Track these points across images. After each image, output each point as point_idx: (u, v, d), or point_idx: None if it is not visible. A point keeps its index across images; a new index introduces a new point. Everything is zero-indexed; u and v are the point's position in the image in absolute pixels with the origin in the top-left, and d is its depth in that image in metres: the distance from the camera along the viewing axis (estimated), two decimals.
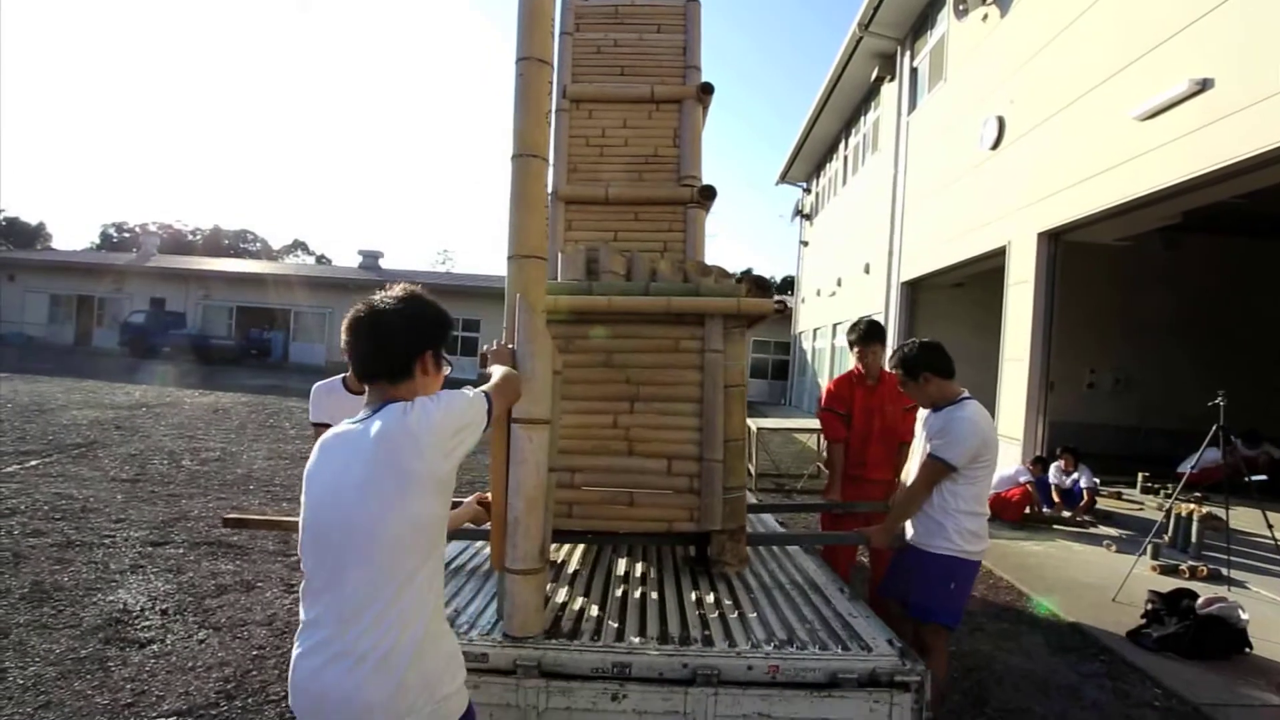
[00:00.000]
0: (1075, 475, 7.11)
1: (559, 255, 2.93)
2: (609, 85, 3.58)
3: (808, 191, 20.81)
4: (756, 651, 1.84)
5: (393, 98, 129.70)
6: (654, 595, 2.29)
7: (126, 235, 54.97)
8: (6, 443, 7.61)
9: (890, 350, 2.88)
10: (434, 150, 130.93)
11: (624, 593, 2.32)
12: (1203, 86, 5.29)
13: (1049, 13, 7.60)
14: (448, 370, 1.55)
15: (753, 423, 8.89)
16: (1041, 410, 7.56)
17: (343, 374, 2.87)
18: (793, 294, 23.25)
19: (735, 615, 2.12)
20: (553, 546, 2.58)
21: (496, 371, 1.74)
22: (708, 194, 3.35)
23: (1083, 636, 3.94)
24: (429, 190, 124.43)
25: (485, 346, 1.99)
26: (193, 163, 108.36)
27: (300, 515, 1.38)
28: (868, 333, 3.63)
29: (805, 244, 21.01)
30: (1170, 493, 5.39)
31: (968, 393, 2.68)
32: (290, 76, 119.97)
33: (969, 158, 9.21)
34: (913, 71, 11.56)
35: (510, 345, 1.93)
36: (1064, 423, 9.10)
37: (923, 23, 11.18)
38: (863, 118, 14.72)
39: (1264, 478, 6.18)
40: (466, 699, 1.41)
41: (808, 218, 20.76)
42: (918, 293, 11.53)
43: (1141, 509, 7.64)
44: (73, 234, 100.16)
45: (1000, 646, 3.79)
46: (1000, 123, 8.43)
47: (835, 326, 15.72)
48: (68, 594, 3.72)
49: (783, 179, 21.00)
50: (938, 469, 2.56)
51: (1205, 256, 11.18)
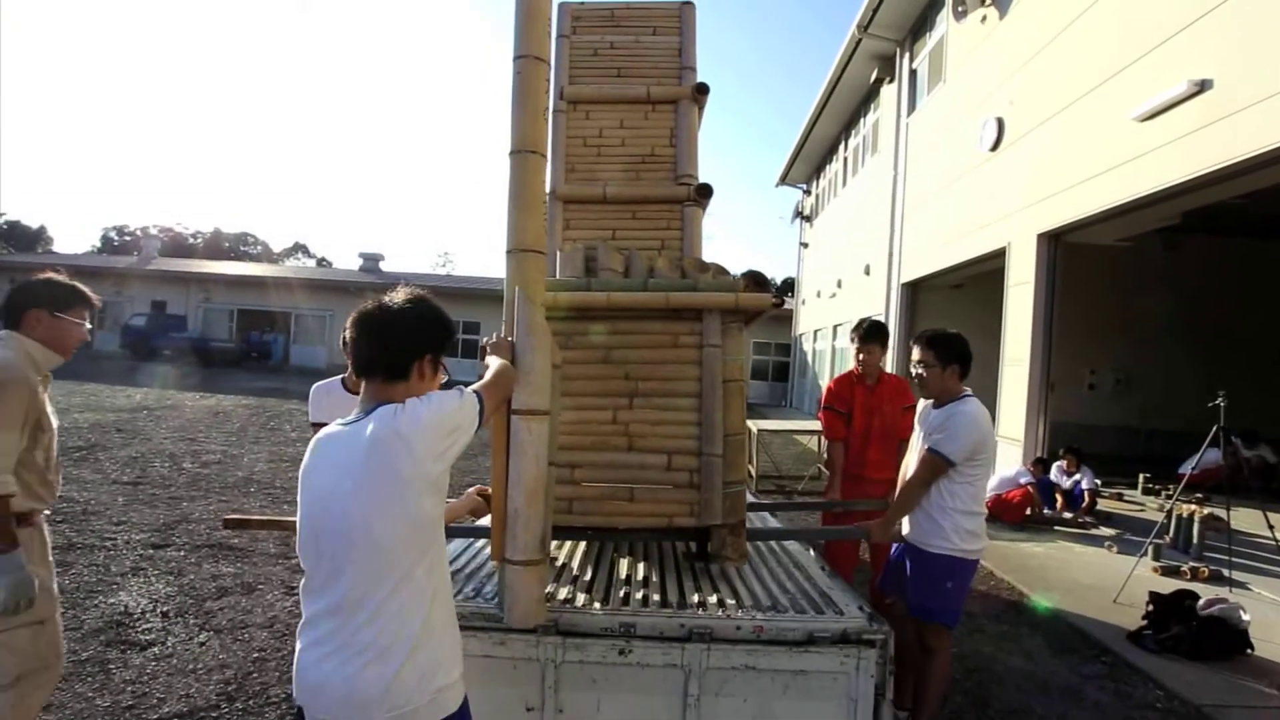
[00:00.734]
0: (1077, 476, 7.11)
1: (557, 253, 2.94)
2: (606, 87, 3.61)
3: (808, 193, 20.83)
4: (744, 614, 2.05)
5: (393, 100, 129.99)
6: (655, 577, 2.41)
7: (128, 238, 55.06)
8: None
9: (908, 344, 2.89)
10: (434, 152, 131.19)
11: (628, 571, 2.48)
12: (1201, 87, 5.30)
13: (1048, 14, 7.61)
14: (444, 379, 1.57)
15: (753, 424, 8.89)
16: (1042, 411, 7.56)
17: (342, 374, 2.88)
18: (793, 295, 23.27)
19: (727, 586, 2.31)
20: (553, 545, 2.59)
21: (492, 364, 1.76)
22: (704, 192, 3.37)
23: (1084, 638, 3.94)
24: (429, 192, 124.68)
25: (485, 340, 2.00)
26: (193, 165, 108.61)
27: (298, 515, 1.41)
28: (867, 334, 3.64)
29: (805, 245, 21.03)
30: (1171, 494, 5.39)
31: (969, 390, 2.69)
32: (290, 79, 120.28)
33: (968, 159, 9.22)
34: (912, 73, 11.58)
35: (510, 338, 1.94)
36: (1065, 424, 9.10)
37: (922, 24, 11.20)
38: (862, 119, 14.73)
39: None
40: (463, 691, 1.44)
41: (808, 219, 20.78)
42: (918, 294, 11.54)
43: (1143, 510, 7.64)
44: (74, 237, 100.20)
45: (1001, 647, 3.78)
46: (1000, 124, 8.43)
47: (836, 328, 15.73)
48: (69, 597, 3.72)
49: (783, 181, 21.03)
50: (936, 463, 2.57)
51: (1205, 257, 11.20)
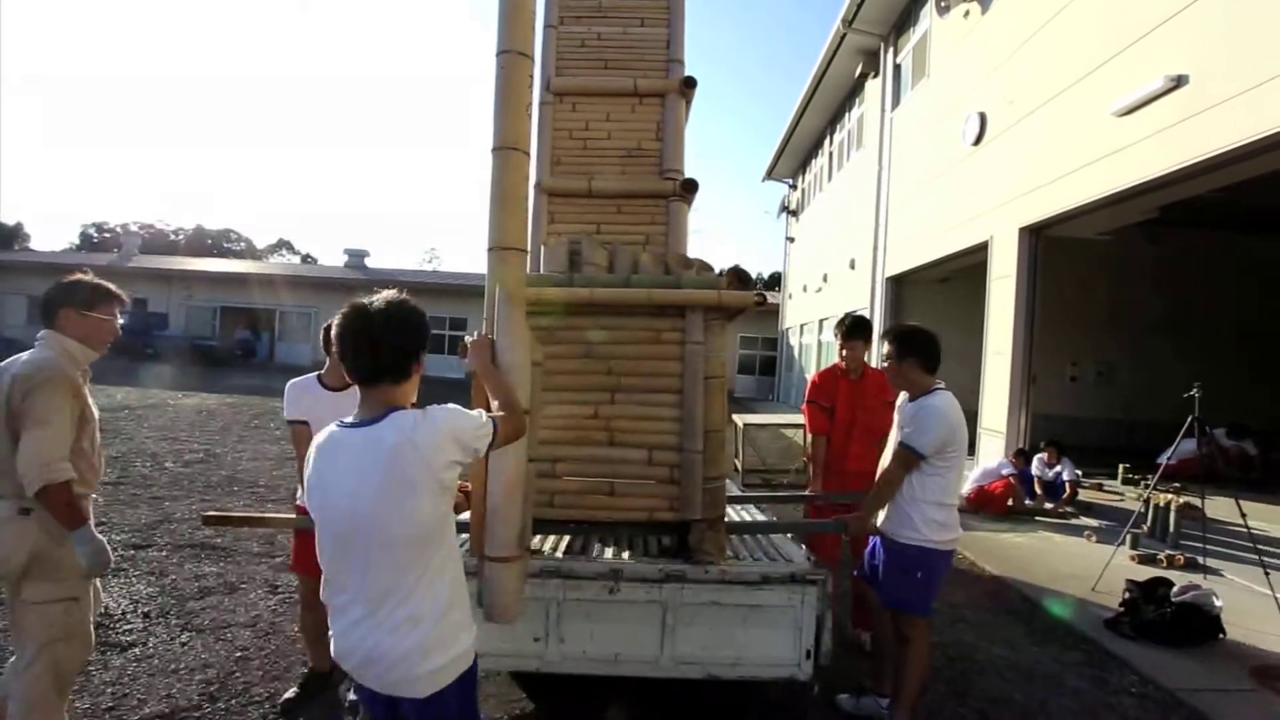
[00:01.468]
0: (1058, 468, 7.20)
1: (541, 247, 2.93)
2: (593, 79, 3.58)
3: (794, 188, 20.88)
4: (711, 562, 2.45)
5: (377, 95, 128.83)
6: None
7: (107, 235, 54.24)
8: None
9: (878, 339, 2.93)
10: (420, 148, 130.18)
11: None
12: (1178, 82, 5.37)
13: (1029, 9, 7.67)
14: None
15: (739, 418, 8.93)
16: (1024, 403, 7.65)
17: (317, 371, 2.85)
18: (779, 290, 23.34)
19: None
20: (535, 539, 2.60)
21: (507, 398, 1.79)
22: (690, 187, 3.37)
23: (1064, 626, 4.00)
24: (415, 189, 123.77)
25: (466, 338, 1.99)
26: (175, 161, 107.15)
27: (315, 517, 1.53)
28: (851, 328, 3.67)
29: (791, 240, 21.09)
30: (1150, 484, 5.48)
31: (942, 384, 2.71)
32: (273, 74, 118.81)
33: (952, 153, 9.29)
34: (896, 68, 11.63)
35: (490, 337, 1.94)
36: (1047, 415, 9.20)
37: (905, 19, 11.25)
38: (847, 114, 14.79)
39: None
40: (474, 655, 1.62)
41: (794, 214, 20.84)
42: (903, 288, 11.62)
43: (1122, 500, 7.76)
44: (52, 235, 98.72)
45: (983, 636, 3.84)
46: (982, 119, 8.50)
47: (822, 322, 15.81)
48: None
49: (769, 175, 21.06)
50: (907, 457, 2.60)
51: (1185, 250, 11.34)
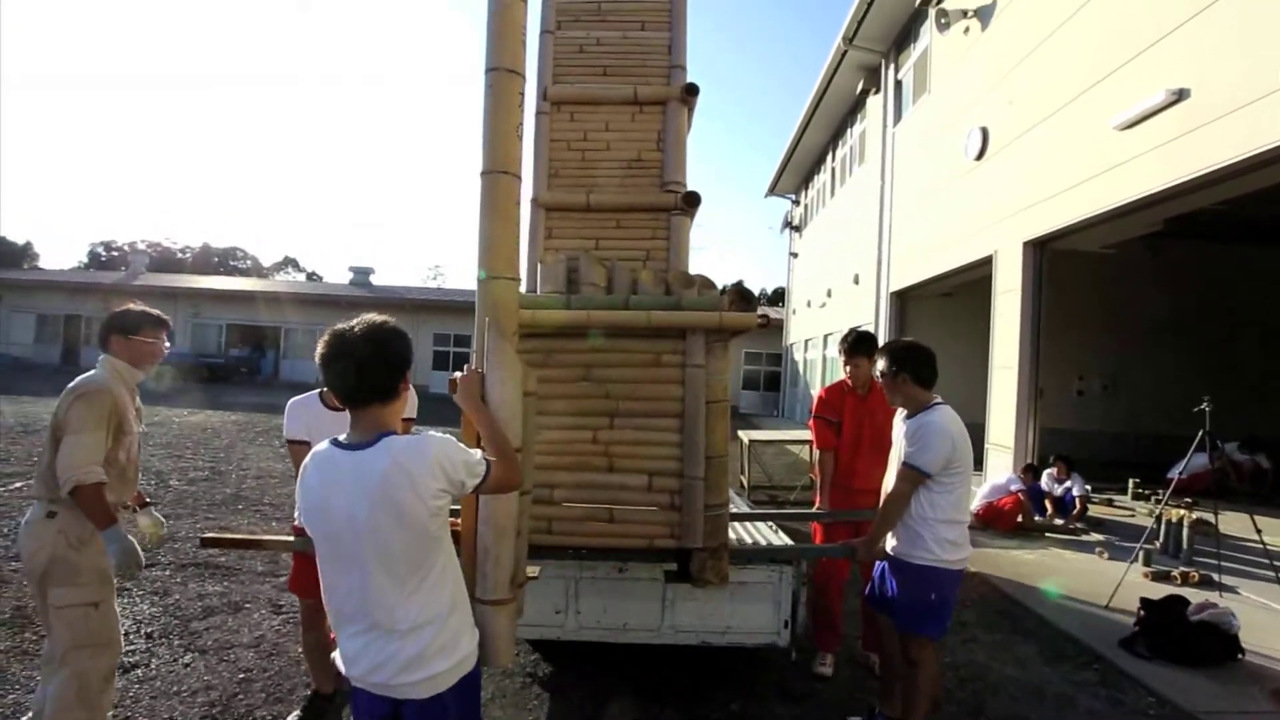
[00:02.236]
0: (1067, 483, 7.13)
1: (538, 265, 2.89)
2: (591, 86, 3.47)
3: (796, 203, 20.97)
4: None
5: (383, 114, 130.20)
6: None
7: (115, 254, 54.71)
8: None
9: (879, 355, 2.89)
10: (426, 165, 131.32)
11: None
12: (1179, 96, 5.38)
13: (1029, 26, 7.73)
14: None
15: (745, 435, 8.89)
16: (1032, 418, 7.60)
17: (319, 389, 2.83)
18: (784, 305, 23.35)
19: None
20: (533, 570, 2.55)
21: (503, 446, 1.75)
22: (692, 201, 3.28)
23: (1076, 645, 3.94)
24: (420, 206, 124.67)
25: (455, 374, 1.89)
26: (182, 180, 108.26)
27: (312, 533, 1.56)
28: (854, 345, 3.63)
29: (795, 255, 21.15)
30: (1160, 499, 5.41)
31: (940, 399, 2.67)
32: (279, 94, 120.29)
33: (954, 168, 9.31)
34: (897, 84, 11.71)
35: (479, 371, 1.88)
36: (1054, 430, 9.15)
37: (906, 36, 11.34)
38: (849, 130, 14.87)
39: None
40: (475, 659, 1.65)
41: (797, 229, 20.90)
42: (907, 303, 11.61)
43: (1133, 515, 7.67)
44: (60, 253, 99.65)
45: (995, 656, 3.77)
46: (984, 134, 8.53)
47: (826, 337, 15.79)
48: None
49: (772, 191, 21.17)
50: (913, 476, 2.56)
51: (1189, 262, 11.32)
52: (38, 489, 2.29)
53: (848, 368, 3.66)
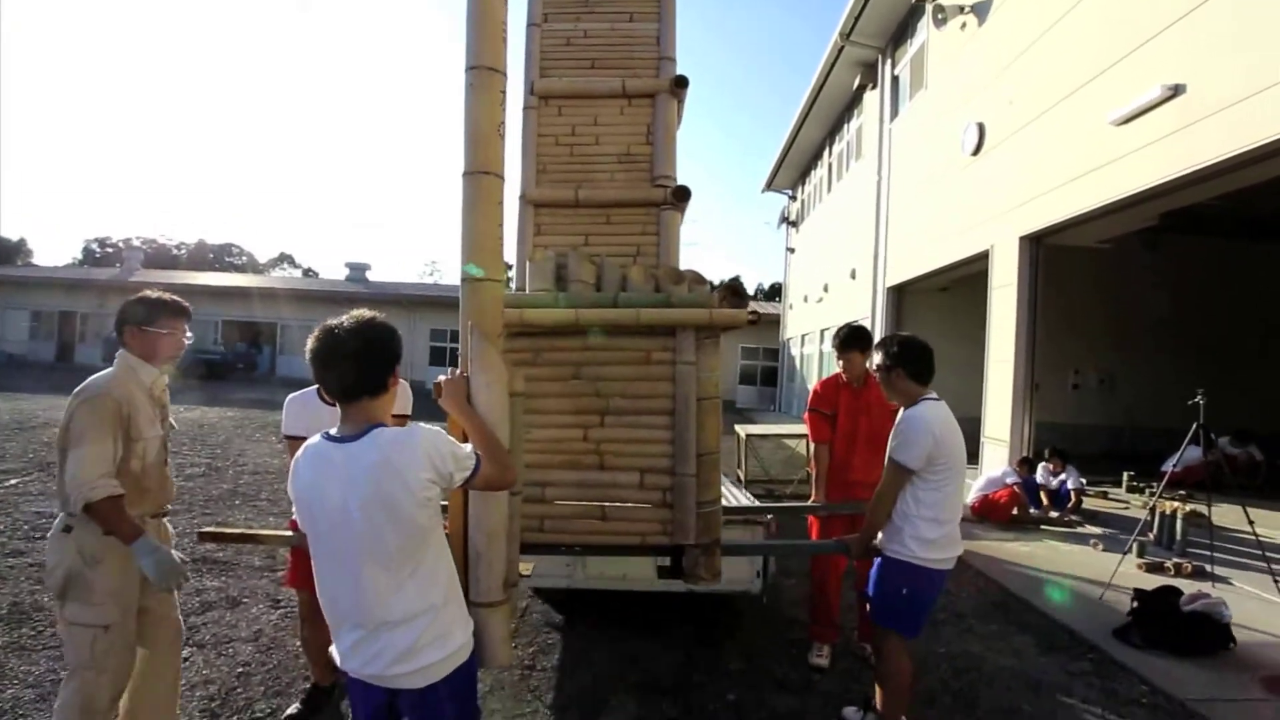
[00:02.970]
0: (1063, 476, 7.17)
1: (527, 263, 2.87)
2: (579, 80, 3.41)
3: (793, 199, 20.97)
4: None
5: (378, 109, 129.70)
6: None
7: (109, 250, 54.46)
8: None
9: (875, 349, 2.88)
10: (422, 161, 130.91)
11: None
12: (1175, 91, 5.39)
13: (1025, 21, 7.73)
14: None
15: (742, 429, 8.91)
16: (1027, 411, 7.63)
17: (317, 385, 2.82)
18: (780, 300, 23.36)
19: None
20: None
21: (486, 444, 1.73)
22: (682, 195, 3.24)
23: (1071, 636, 3.97)
24: (417, 201, 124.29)
25: (440, 376, 1.89)
26: (177, 176, 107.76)
27: (305, 526, 1.59)
28: (846, 340, 3.64)
29: (792, 251, 21.14)
30: (1155, 491, 5.45)
31: (933, 395, 2.65)
32: (274, 89, 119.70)
33: (951, 163, 9.32)
34: (894, 79, 11.71)
35: (465, 374, 1.87)
36: (1050, 423, 9.17)
37: (903, 32, 11.33)
38: (846, 125, 14.87)
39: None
40: (470, 649, 1.66)
41: (794, 225, 20.90)
42: (904, 297, 11.63)
43: (1127, 508, 7.72)
44: (54, 249, 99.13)
45: (990, 647, 3.80)
46: (981, 129, 8.54)
47: (823, 332, 15.81)
48: (47, 615, 3.65)
49: (768, 186, 21.16)
50: (895, 471, 2.55)
51: (1184, 257, 11.36)
52: (59, 502, 2.14)
53: (840, 362, 3.68)
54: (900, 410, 2.73)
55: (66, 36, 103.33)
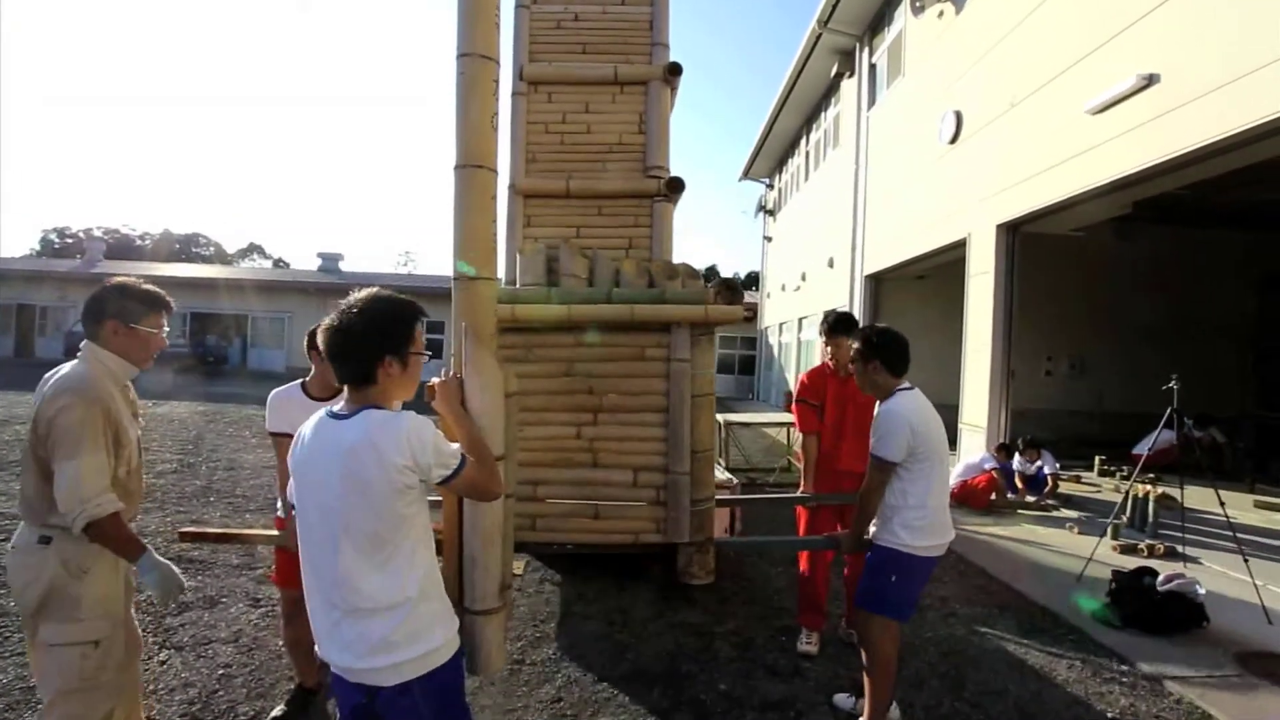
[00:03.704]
0: (1039, 463, 7.30)
1: (518, 256, 2.81)
2: (570, 65, 3.34)
3: (771, 187, 21.01)
4: None
5: (349, 95, 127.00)
6: None
7: (69, 241, 52.72)
8: None
9: (853, 338, 2.87)
10: (395, 149, 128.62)
11: None
12: (1150, 81, 5.47)
13: (1002, 10, 7.78)
14: (426, 360, 1.65)
15: (722, 417, 8.93)
16: (1004, 398, 7.76)
17: (301, 379, 2.74)
18: (758, 289, 23.44)
19: None
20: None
21: (476, 450, 1.68)
22: (675, 186, 3.20)
23: (1053, 618, 4.05)
24: (390, 190, 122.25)
25: (433, 379, 1.84)
26: (140, 164, 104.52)
27: (295, 499, 1.57)
28: (834, 325, 3.64)
29: (769, 239, 21.21)
30: (1126, 475, 5.58)
31: (907, 385, 2.66)
32: (242, 74, 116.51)
33: (929, 152, 9.39)
34: (872, 68, 11.74)
35: (459, 376, 1.82)
36: (1026, 409, 9.34)
37: (880, 19, 11.36)
38: (824, 113, 14.89)
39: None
40: (453, 650, 1.60)
41: (771, 213, 20.95)
42: (881, 286, 11.73)
43: (1099, 491, 7.90)
44: (11, 241, 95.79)
45: (974, 630, 3.86)
46: (958, 117, 8.60)
47: (801, 320, 15.90)
48: (14, 620, 3.52)
49: (746, 175, 21.16)
50: (879, 466, 2.56)
51: (1155, 245, 11.60)
52: (23, 512, 1.95)
53: (828, 348, 3.67)
54: (878, 404, 2.74)
55: (20, 18, 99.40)
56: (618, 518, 2.45)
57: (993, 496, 6.84)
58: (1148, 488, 5.96)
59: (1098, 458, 9.00)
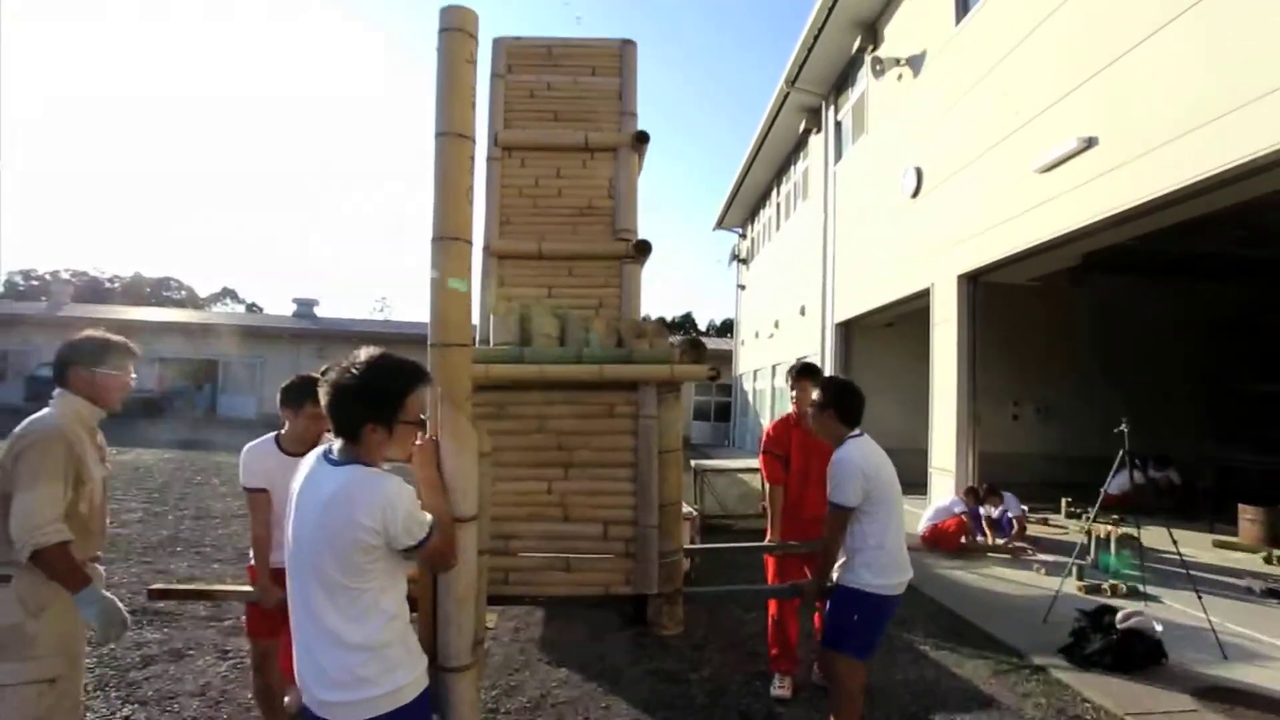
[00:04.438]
0: (1002, 507, 7.44)
1: (490, 315, 2.90)
2: (542, 132, 3.47)
3: (744, 236, 21.56)
4: None
5: (326, 141, 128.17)
6: None
7: (35, 283, 51.74)
8: None
9: (816, 386, 3.03)
10: (371, 194, 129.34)
11: None
12: (1089, 143, 5.87)
13: (956, 74, 8.30)
14: (421, 419, 1.72)
15: (697, 463, 8.99)
16: (971, 442, 7.96)
17: (275, 433, 2.74)
18: (732, 336, 23.79)
19: None
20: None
21: (445, 518, 1.75)
22: (643, 249, 3.29)
23: (1019, 657, 4.13)
24: (365, 236, 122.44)
25: (415, 440, 1.88)
26: (110, 206, 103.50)
27: (285, 529, 1.64)
28: (800, 372, 3.82)
29: (743, 287, 21.65)
30: (1090, 516, 5.75)
31: (857, 432, 2.79)
32: (218, 116, 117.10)
33: (893, 205, 9.81)
34: (838, 124, 12.31)
35: (435, 439, 1.88)
36: (995, 453, 9.56)
37: (845, 80, 11.98)
38: (793, 167, 15.48)
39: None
40: (421, 688, 1.64)
41: (744, 262, 21.45)
42: (852, 332, 12.04)
43: (1066, 533, 8.06)
44: None
45: (943, 671, 3.92)
46: (919, 173, 9.04)
47: (775, 367, 16.16)
48: None
49: (719, 224, 21.73)
50: (836, 513, 2.67)
51: (1109, 294, 12.11)
52: None
53: (794, 392, 3.82)
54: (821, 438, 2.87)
55: None
56: (589, 570, 2.50)
57: (963, 539, 6.96)
58: (1109, 529, 6.13)
59: (1064, 500, 9.20)
